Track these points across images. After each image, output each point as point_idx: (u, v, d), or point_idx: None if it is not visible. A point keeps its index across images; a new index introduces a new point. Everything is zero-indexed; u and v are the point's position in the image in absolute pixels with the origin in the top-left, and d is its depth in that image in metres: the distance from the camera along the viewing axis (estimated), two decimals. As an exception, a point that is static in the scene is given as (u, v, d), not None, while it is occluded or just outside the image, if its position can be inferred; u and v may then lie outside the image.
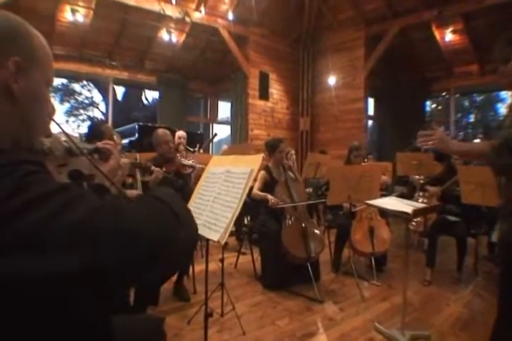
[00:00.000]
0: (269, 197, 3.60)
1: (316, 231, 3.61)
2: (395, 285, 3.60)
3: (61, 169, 1.16)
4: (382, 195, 3.71)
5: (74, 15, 6.75)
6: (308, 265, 3.37)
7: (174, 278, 3.39)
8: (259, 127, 8.67)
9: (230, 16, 7.84)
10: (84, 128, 18.04)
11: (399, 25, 7.71)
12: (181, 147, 4.90)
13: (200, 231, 1.97)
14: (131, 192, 2.99)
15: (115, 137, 5.48)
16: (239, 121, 8.60)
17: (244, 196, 1.84)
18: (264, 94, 8.69)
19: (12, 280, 0.53)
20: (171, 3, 7.16)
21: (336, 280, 3.65)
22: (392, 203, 2.74)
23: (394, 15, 7.79)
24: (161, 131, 3.64)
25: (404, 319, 2.61)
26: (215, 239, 1.78)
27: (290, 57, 9.18)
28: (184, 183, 3.49)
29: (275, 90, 8.97)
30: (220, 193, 2.02)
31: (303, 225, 3.53)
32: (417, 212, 2.47)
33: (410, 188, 4.84)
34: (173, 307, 3.09)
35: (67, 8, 6.74)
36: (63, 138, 1.13)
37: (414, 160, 4.73)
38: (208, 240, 3.72)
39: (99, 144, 1.25)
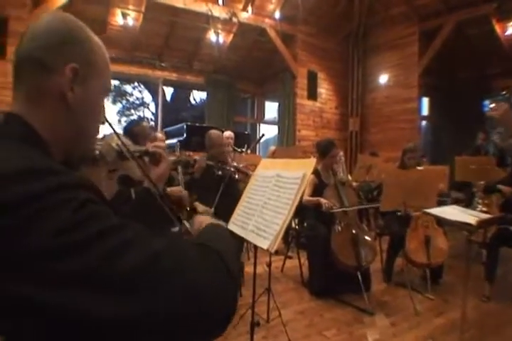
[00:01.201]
0: (323, 200, 3.47)
1: (367, 238, 3.45)
2: (451, 300, 3.36)
3: (112, 175, 1.12)
4: (440, 202, 3.50)
5: (124, 19, 6.94)
6: (359, 273, 3.22)
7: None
8: (307, 128, 8.51)
9: (277, 15, 7.75)
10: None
11: (455, 19, 7.30)
12: (229, 148, 4.88)
13: (248, 237, 1.90)
14: (174, 190, 2.94)
15: (160, 135, 5.54)
16: (286, 122, 8.48)
17: (296, 202, 1.74)
18: (312, 94, 8.53)
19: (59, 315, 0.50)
20: (218, 4, 7.20)
21: (387, 290, 3.49)
22: (452, 212, 2.55)
23: (449, 10, 7.37)
24: (215, 133, 3.63)
25: (462, 337, 2.42)
26: (265, 246, 1.69)
27: (339, 55, 8.94)
28: (234, 188, 3.44)
29: (324, 90, 8.77)
30: (270, 198, 1.93)
31: (353, 231, 3.38)
32: (481, 224, 2.27)
33: (468, 194, 4.55)
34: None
35: (118, 12, 6.94)
36: (114, 141, 1.10)
37: (473, 165, 4.42)
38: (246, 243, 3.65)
39: (150, 147, 1.21)
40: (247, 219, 1.99)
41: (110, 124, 1.03)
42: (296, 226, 4.65)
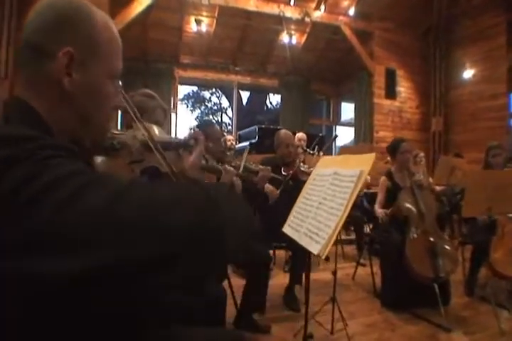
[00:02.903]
0: (378, 211, 3.34)
1: (446, 247, 3.10)
2: (544, 320, 2.90)
3: (134, 166, 1.06)
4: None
5: (198, 25, 7.14)
6: (435, 285, 2.90)
7: (286, 284, 3.24)
8: (385, 128, 8.08)
9: (352, 12, 7.48)
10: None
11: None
12: (299, 149, 4.76)
13: (300, 241, 1.75)
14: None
15: (229, 137, 5.53)
16: (363, 123, 8.16)
17: (351, 203, 1.56)
18: (391, 93, 8.10)
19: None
20: (290, 4, 7.12)
21: (468, 305, 3.10)
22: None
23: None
24: (283, 132, 3.57)
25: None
26: (315, 251, 1.53)
27: (419, 51, 8.39)
28: (297, 188, 3.31)
29: (403, 88, 8.28)
30: (325, 198, 1.77)
31: (431, 239, 3.06)
32: None
33: None
34: (281, 316, 2.93)
35: (192, 19, 7.15)
36: (141, 131, 1.04)
37: None
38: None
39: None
40: (301, 221, 1.85)
41: (135, 114, 0.98)
42: (370, 232, 4.41)
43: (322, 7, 7.27)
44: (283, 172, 3.42)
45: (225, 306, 1.96)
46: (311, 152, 5.03)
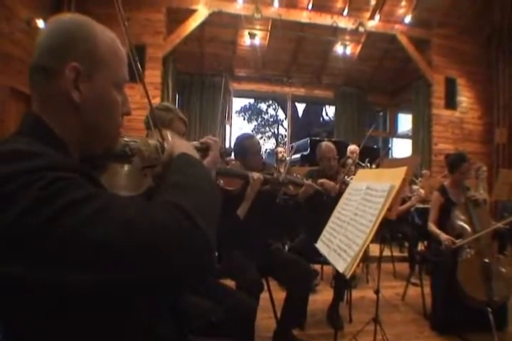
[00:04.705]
0: (443, 237, 3.06)
1: (502, 269, 2.86)
2: None
3: (146, 171, 1.07)
4: None
5: (252, 39, 7.23)
6: (489, 309, 2.67)
7: (330, 300, 3.13)
8: (444, 140, 7.67)
9: (408, 20, 7.25)
10: (268, 144, 19.46)
11: None
12: (349, 161, 4.66)
13: (329, 257, 1.69)
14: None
15: (280, 149, 5.49)
16: (421, 135, 7.83)
17: (380, 219, 1.48)
18: (451, 103, 7.69)
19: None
20: (343, 15, 7.06)
21: (528, 333, 2.83)
22: None
23: None
24: (324, 145, 3.52)
25: None
26: (341, 270, 1.47)
27: (481, 58, 7.89)
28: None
29: (464, 97, 7.83)
30: (356, 214, 1.70)
31: (485, 260, 2.83)
32: None
33: None
34: (322, 333, 2.82)
35: (246, 32, 7.26)
36: (155, 137, 1.06)
37: None
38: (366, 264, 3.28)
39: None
40: (332, 237, 1.80)
41: (154, 122, 1.05)
42: (423, 250, 4.18)
43: (377, 16, 7.14)
44: None
45: (253, 318, 1.92)
46: (363, 164, 4.90)
